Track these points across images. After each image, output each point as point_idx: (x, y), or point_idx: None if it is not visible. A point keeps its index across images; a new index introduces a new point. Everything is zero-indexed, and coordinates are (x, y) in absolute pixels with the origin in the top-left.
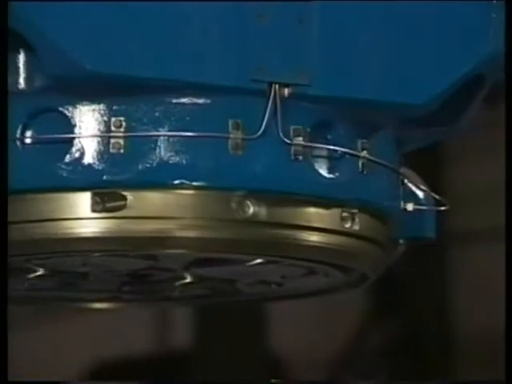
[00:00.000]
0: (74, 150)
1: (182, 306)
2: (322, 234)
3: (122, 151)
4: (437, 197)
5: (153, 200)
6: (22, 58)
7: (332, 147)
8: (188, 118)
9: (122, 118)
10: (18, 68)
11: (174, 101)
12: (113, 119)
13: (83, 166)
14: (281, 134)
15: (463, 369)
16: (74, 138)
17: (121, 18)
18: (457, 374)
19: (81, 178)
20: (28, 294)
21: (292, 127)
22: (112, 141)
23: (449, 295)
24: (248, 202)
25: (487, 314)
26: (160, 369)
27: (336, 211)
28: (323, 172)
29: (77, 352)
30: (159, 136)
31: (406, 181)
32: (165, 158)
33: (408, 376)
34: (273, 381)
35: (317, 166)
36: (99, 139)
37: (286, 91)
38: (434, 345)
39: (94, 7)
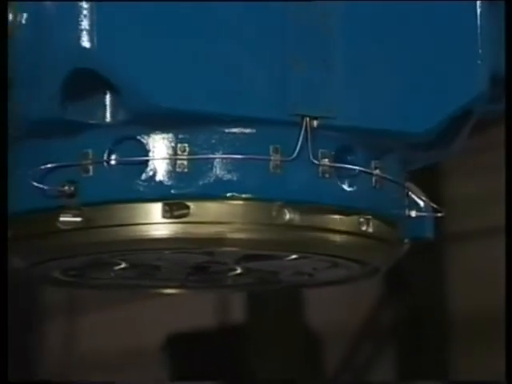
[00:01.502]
0: (148, 169)
1: (235, 292)
2: (344, 235)
3: (186, 170)
4: (434, 205)
5: (210, 209)
6: (108, 97)
7: (351, 167)
8: (237, 144)
9: (186, 145)
10: (105, 106)
11: (227, 130)
12: (179, 145)
13: (155, 182)
14: (311, 157)
15: (457, 340)
16: (148, 160)
17: (186, 64)
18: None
19: (154, 192)
20: (114, 282)
21: (320, 151)
22: (178, 162)
23: (446, 283)
24: (285, 211)
25: (474, 297)
26: (220, 339)
27: (355, 217)
28: (344, 186)
29: (152, 326)
30: (215, 158)
31: (409, 193)
32: (219, 176)
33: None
34: None
35: (339, 181)
36: (168, 161)
37: (315, 123)
38: (431, 317)
39: (165, 55)
